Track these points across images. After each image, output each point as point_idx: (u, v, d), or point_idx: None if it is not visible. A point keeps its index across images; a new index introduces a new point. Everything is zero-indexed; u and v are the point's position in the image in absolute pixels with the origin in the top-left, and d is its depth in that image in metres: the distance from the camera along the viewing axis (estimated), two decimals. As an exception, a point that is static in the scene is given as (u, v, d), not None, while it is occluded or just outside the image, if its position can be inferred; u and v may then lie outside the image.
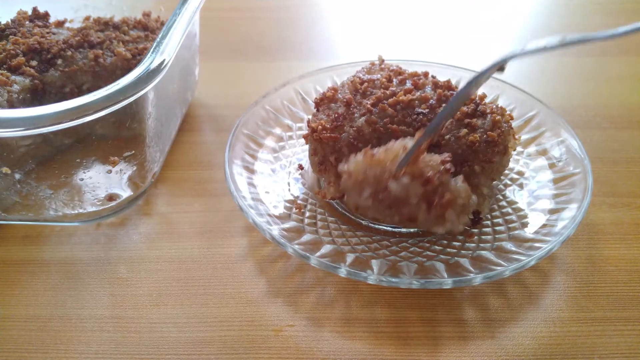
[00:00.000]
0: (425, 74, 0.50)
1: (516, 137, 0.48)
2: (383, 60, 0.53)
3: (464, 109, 0.46)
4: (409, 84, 0.49)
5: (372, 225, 0.49)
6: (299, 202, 0.51)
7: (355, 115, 0.47)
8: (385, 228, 0.49)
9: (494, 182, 0.50)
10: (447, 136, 0.45)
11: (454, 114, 0.45)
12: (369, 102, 0.47)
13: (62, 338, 0.42)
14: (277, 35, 0.85)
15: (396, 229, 0.48)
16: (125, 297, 0.45)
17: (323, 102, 0.50)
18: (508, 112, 0.48)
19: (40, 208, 0.49)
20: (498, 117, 0.46)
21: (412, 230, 0.48)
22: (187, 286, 0.46)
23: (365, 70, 0.52)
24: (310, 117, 0.50)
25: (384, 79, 0.49)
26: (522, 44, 0.31)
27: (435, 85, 0.48)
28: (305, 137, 0.50)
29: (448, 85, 0.48)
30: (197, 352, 0.41)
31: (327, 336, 0.42)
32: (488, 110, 0.46)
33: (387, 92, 0.47)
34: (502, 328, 0.42)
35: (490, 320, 0.43)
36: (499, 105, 0.48)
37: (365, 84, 0.49)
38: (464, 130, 0.45)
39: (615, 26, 0.28)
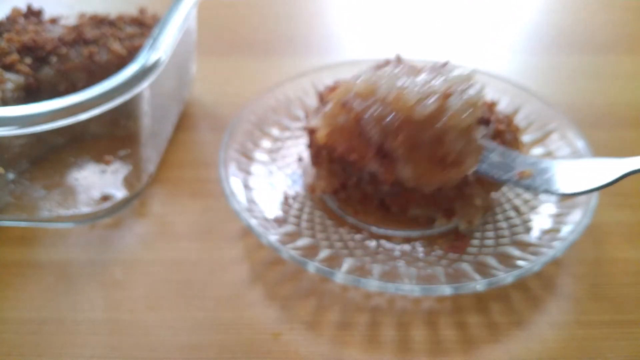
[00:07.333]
0: None
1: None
2: (400, 59, 0.52)
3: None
4: None
5: (371, 228, 0.48)
6: (296, 203, 0.50)
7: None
8: (385, 232, 0.48)
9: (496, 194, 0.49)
10: None
11: None
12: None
13: (56, 341, 0.41)
14: (275, 31, 0.84)
15: (396, 232, 0.47)
16: (121, 300, 0.44)
17: (327, 95, 0.49)
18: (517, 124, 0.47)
19: (34, 209, 0.48)
20: (502, 128, 0.44)
21: (413, 233, 0.47)
22: (184, 289, 0.45)
23: (374, 67, 0.51)
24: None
25: None
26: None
27: None
28: (305, 129, 0.49)
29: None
30: (194, 357, 0.40)
31: (327, 340, 0.41)
32: (493, 119, 0.45)
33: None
34: (507, 331, 0.41)
35: (494, 323, 0.42)
36: (509, 116, 0.47)
37: None
38: None
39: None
